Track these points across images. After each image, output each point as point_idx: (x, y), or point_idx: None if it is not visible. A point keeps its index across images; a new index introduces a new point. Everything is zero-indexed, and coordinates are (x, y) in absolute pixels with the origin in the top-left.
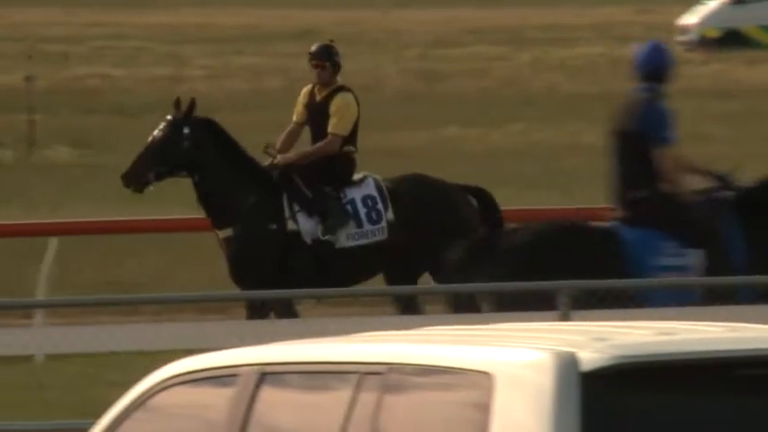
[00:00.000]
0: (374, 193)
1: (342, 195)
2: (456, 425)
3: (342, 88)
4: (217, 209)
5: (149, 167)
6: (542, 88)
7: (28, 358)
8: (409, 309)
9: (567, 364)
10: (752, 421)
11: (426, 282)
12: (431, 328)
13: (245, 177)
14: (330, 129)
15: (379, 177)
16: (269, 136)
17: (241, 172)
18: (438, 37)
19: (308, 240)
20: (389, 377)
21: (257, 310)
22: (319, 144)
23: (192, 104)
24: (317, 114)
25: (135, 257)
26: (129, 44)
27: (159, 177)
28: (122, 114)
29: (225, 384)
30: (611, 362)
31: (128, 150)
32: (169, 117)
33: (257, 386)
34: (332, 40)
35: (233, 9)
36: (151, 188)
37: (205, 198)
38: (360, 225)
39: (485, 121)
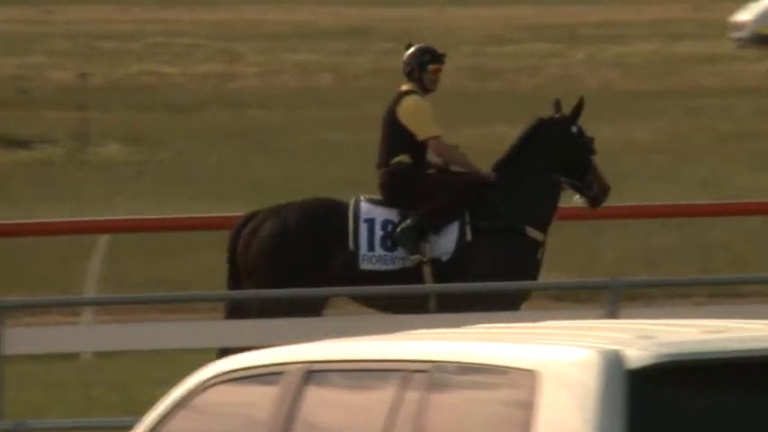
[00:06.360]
0: None
1: None
2: (500, 423)
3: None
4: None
5: None
6: (596, 86)
7: (75, 356)
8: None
9: (613, 362)
10: None
11: None
12: (475, 325)
13: None
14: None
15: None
16: (319, 134)
17: None
18: (492, 34)
19: None
20: (434, 375)
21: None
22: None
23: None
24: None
25: (185, 255)
26: (182, 41)
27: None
28: (174, 111)
29: (270, 383)
30: (658, 360)
31: (179, 147)
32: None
33: (302, 384)
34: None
35: (288, 6)
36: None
37: (549, 201)
38: None
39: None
